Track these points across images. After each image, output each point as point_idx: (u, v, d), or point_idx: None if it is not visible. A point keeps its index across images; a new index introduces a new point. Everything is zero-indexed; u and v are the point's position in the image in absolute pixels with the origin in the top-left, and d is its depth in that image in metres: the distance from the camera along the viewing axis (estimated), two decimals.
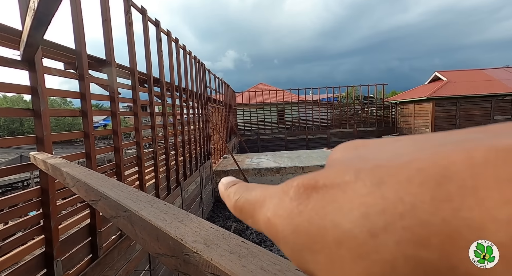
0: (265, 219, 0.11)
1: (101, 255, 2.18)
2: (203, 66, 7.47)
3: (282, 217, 0.10)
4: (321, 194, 0.09)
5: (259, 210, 0.12)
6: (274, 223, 0.10)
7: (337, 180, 0.09)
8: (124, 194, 0.65)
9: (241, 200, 0.14)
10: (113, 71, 2.79)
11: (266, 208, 0.11)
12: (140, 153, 3.32)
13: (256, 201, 0.12)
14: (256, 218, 0.12)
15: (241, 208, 0.13)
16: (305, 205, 0.09)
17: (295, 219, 0.09)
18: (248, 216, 0.13)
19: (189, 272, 0.38)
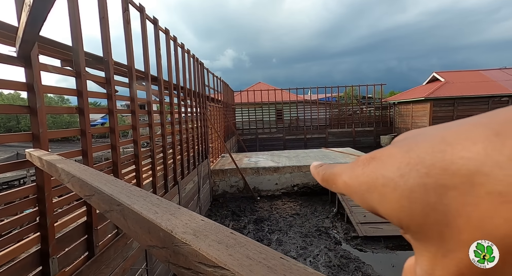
0: (343, 182, 0.17)
1: (97, 253, 2.18)
2: (201, 64, 7.46)
3: (353, 178, 0.16)
4: (376, 161, 0.15)
5: (339, 178, 0.18)
6: (348, 183, 0.16)
7: (386, 152, 0.15)
8: (117, 188, 0.66)
9: (327, 173, 0.19)
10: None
11: (343, 176, 0.17)
12: (137, 151, 3.32)
13: (336, 173, 0.18)
14: (337, 183, 0.18)
15: (327, 179, 0.19)
16: (367, 168, 0.15)
17: (361, 177, 0.15)
18: (332, 183, 0.19)
19: (178, 262, 0.39)
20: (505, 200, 0.10)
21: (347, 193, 0.17)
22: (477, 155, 0.10)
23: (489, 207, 0.10)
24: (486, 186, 0.10)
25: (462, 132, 0.12)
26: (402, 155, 0.13)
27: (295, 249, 4.83)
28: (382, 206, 0.14)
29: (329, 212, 6.47)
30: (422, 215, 0.12)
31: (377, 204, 0.14)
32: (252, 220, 6.15)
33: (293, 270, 0.29)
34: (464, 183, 0.11)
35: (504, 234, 0.10)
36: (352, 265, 4.28)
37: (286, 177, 7.91)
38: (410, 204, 0.12)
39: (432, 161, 0.12)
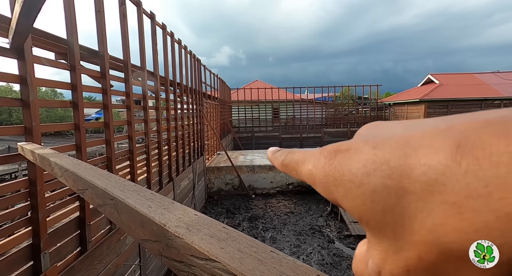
0: (307, 171, 0.17)
1: (90, 248, 2.16)
2: (198, 61, 7.41)
3: (319, 168, 0.16)
4: (343, 154, 0.15)
5: (302, 165, 0.18)
6: (313, 172, 0.16)
7: (353, 146, 0.15)
8: (111, 183, 0.66)
9: (287, 159, 0.20)
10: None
11: (307, 164, 0.17)
12: (132, 146, 3.29)
13: (299, 160, 0.18)
14: (299, 170, 0.18)
15: (287, 165, 0.20)
16: (333, 160, 0.15)
17: (326, 168, 0.15)
18: (292, 170, 0.19)
19: (171, 255, 0.40)
20: (457, 211, 0.10)
21: (310, 181, 0.17)
22: (438, 164, 0.11)
23: (442, 215, 0.11)
24: (442, 195, 0.11)
25: (426, 137, 0.12)
26: (369, 151, 0.14)
27: (289, 247, 4.87)
28: (345, 200, 0.14)
29: (323, 210, 6.52)
30: (381, 214, 0.13)
31: (341, 198, 0.14)
32: (246, 217, 6.17)
33: (283, 263, 0.29)
34: (423, 189, 0.11)
35: (451, 241, 0.10)
36: (344, 263, 4.33)
37: (281, 175, 7.94)
38: (371, 203, 0.13)
39: (396, 163, 0.12)
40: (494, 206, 0.09)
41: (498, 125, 0.10)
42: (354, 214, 0.14)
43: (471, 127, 0.11)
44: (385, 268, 0.13)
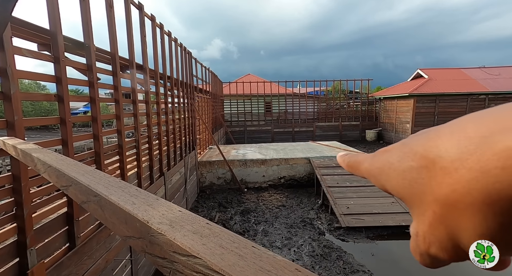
0: (364, 168, 0.23)
1: (79, 244, 2.14)
2: (189, 54, 7.27)
3: (372, 164, 0.22)
4: (387, 152, 0.20)
5: (361, 165, 0.23)
6: (368, 168, 0.22)
7: (393, 146, 0.20)
8: (95, 179, 0.64)
9: (351, 161, 0.25)
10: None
11: (365, 163, 0.22)
12: (121, 141, 3.24)
13: (360, 161, 0.24)
14: (360, 168, 0.23)
15: (352, 165, 0.25)
16: (381, 156, 0.21)
17: (376, 163, 0.21)
18: (356, 169, 0.24)
19: (154, 252, 0.39)
20: (447, 172, 0.15)
21: (367, 176, 0.22)
22: (442, 147, 0.16)
23: (440, 177, 0.15)
24: (440, 163, 0.16)
25: (440, 134, 0.17)
26: (401, 147, 0.19)
27: (280, 240, 4.95)
28: (388, 183, 0.19)
29: (314, 203, 6.63)
30: (409, 187, 0.17)
31: (385, 182, 0.20)
32: (238, 211, 6.21)
33: (263, 258, 0.30)
34: (431, 163, 0.16)
35: (445, 194, 0.15)
36: (334, 254, 4.44)
37: (273, 169, 8.00)
38: (403, 180, 0.18)
39: (417, 150, 0.17)
40: (475, 166, 0.14)
41: (476, 116, 0.16)
42: (394, 192, 0.19)
43: (457, 121, 0.17)
44: (419, 228, 0.18)
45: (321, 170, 7.32)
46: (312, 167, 7.73)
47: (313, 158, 7.99)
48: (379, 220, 5.28)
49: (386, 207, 5.68)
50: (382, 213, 5.45)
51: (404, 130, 13.93)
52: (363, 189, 6.41)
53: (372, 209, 5.60)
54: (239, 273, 0.28)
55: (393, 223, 5.16)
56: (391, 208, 5.63)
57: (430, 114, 13.38)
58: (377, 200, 5.94)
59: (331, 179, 6.86)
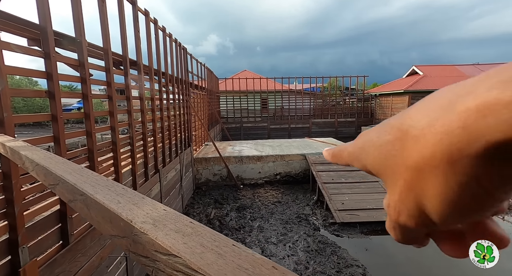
0: (348, 153, 0.23)
1: (72, 241, 2.13)
2: (184, 50, 7.20)
3: (355, 145, 0.22)
4: (368, 132, 0.21)
5: (344, 151, 0.24)
6: (351, 151, 0.22)
7: (374, 127, 0.21)
8: (83, 178, 0.64)
9: (335, 150, 0.25)
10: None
11: (349, 147, 0.23)
12: (115, 138, 3.21)
13: (342, 148, 0.24)
14: (343, 156, 0.24)
15: (336, 154, 0.25)
16: (363, 137, 0.22)
17: (358, 143, 0.22)
18: (338, 157, 0.24)
19: (137, 251, 0.40)
20: (416, 139, 0.16)
21: (350, 160, 0.23)
22: (415, 118, 0.17)
23: (411, 145, 0.16)
24: (411, 133, 0.17)
25: (415, 107, 0.18)
26: (381, 125, 0.20)
27: (276, 236, 5.00)
28: (367, 160, 0.20)
29: (309, 199, 6.69)
30: (385, 160, 0.18)
31: (365, 160, 0.20)
32: (234, 207, 6.24)
33: (242, 256, 0.30)
34: (404, 134, 0.17)
35: (414, 161, 0.16)
36: (328, 250, 4.50)
37: (269, 165, 8.02)
38: (379, 154, 0.19)
39: (394, 124, 0.18)
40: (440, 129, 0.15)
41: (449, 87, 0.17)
42: (373, 169, 0.20)
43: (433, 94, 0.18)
44: (390, 199, 0.19)
45: (316, 166, 7.37)
46: (307, 163, 7.77)
47: (309, 154, 8.03)
48: (373, 215, 5.35)
49: (380, 202, 5.75)
50: (376, 209, 5.53)
51: None
52: (357, 185, 6.48)
53: (366, 205, 5.67)
54: (216, 271, 0.28)
55: None
56: None
57: None
58: (371, 196, 6.02)
59: (327, 175, 6.91)
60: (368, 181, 6.59)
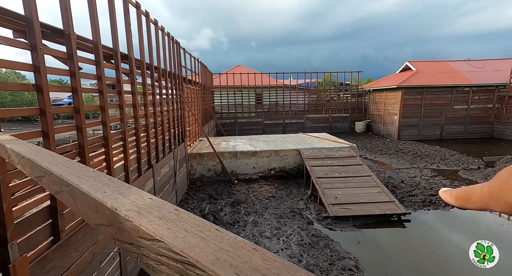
0: (481, 194, 0.24)
1: (63, 237, 2.11)
2: (177, 44, 7.09)
3: (492, 186, 0.23)
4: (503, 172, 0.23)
5: (475, 193, 0.24)
6: (487, 192, 0.23)
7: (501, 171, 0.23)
8: (69, 169, 0.63)
9: (460, 193, 0.26)
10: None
11: (483, 189, 0.24)
12: (106, 133, 3.17)
13: (471, 191, 0.25)
14: (472, 198, 0.24)
15: (461, 197, 0.26)
16: (496, 178, 0.23)
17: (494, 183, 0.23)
18: (466, 200, 0.25)
19: (122, 238, 0.40)
20: None
21: (485, 202, 0.23)
22: None
23: None
24: None
25: None
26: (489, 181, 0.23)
27: (270, 230, 5.04)
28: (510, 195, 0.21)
29: (303, 194, 6.75)
30: None
31: (508, 195, 0.21)
32: (229, 202, 6.26)
33: (224, 239, 0.31)
34: None
35: None
36: (322, 243, 4.57)
37: (264, 161, 8.05)
38: None
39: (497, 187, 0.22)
40: None
41: None
42: None
43: None
44: None
45: (310, 161, 7.42)
46: (301, 158, 7.82)
47: (303, 149, 8.08)
48: (366, 209, 5.44)
49: (373, 196, 5.85)
50: (369, 202, 5.62)
51: (392, 122, 14.22)
52: (351, 180, 6.56)
53: (359, 199, 5.76)
54: (198, 253, 0.28)
55: (379, 212, 5.33)
56: (378, 197, 5.81)
57: (417, 106, 13.69)
58: (364, 190, 6.11)
59: (320, 170, 6.98)
60: (361, 176, 6.69)
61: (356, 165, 7.24)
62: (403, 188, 6.93)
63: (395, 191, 6.72)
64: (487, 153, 10.53)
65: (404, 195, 6.53)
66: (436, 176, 7.94)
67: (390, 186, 7.03)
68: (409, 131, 13.76)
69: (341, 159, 7.60)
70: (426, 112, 13.70)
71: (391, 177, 7.88)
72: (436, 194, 6.52)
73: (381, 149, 11.73)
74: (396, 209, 5.39)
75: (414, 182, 7.37)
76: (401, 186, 7.10)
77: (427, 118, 13.75)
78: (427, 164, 9.31)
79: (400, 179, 7.61)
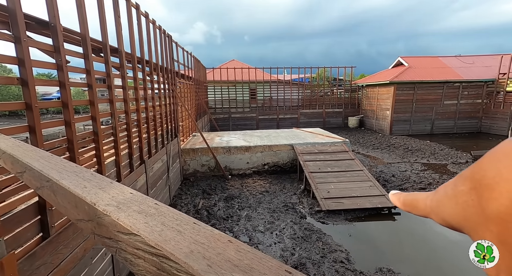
0: (424, 205, 0.23)
1: (53, 233, 2.09)
2: (169, 37, 6.96)
3: (433, 199, 0.22)
4: (444, 185, 0.22)
5: (421, 202, 0.24)
6: (429, 204, 0.22)
7: (449, 181, 0.21)
8: (50, 164, 0.62)
9: (408, 200, 0.26)
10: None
11: (427, 200, 0.23)
12: (96, 128, 3.11)
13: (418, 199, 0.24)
14: (418, 207, 0.24)
15: (408, 204, 0.25)
16: (439, 190, 0.22)
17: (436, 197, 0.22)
18: (413, 207, 0.25)
19: (101, 233, 0.39)
20: (490, 187, 0.16)
21: (427, 213, 0.23)
22: (485, 167, 0.17)
23: (486, 194, 0.16)
24: (484, 181, 0.17)
25: (484, 158, 0.18)
26: (455, 177, 0.20)
27: (263, 224, 5.09)
28: (445, 212, 0.20)
29: (296, 189, 6.82)
30: (463, 211, 0.18)
31: (443, 213, 0.20)
32: (222, 197, 6.28)
33: (201, 232, 0.31)
34: (477, 183, 0.17)
35: (494, 210, 0.16)
36: (314, 236, 4.65)
37: (257, 156, 8.07)
38: (456, 205, 0.19)
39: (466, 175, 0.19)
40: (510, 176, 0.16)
41: None
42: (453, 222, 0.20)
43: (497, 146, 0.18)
44: None
45: (304, 156, 7.48)
46: (295, 153, 7.87)
47: (297, 144, 8.13)
48: (357, 202, 5.54)
49: (364, 190, 5.95)
50: (361, 196, 5.72)
51: (385, 117, 14.39)
52: (343, 174, 6.65)
53: (351, 193, 5.86)
54: (173, 246, 0.28)
55: (370, 205, 5.43)
56: (369, 191, 5.91)
57: (409, 102, 13.87)
58: (356, 184, 6.21)
59: (313, 165, 7.04)
60: (354, 170, 6.78)
61: (348, 160, 7.33)
62: (394, 182, 7.06)
63: (386, 184, 6.85)
64: (475, 147, 10.80)
65: (395, 188, 6.66)
66: (426, 170, 8.11)
67: (382, 180, 7.15)
68: (401, 126, 13.96)
69: (334, 154, 7.67)
70: (417, 107, 13.90)
71: (382, 171, 8.01)
72: (426, 187, 6.68)
73: (373, 144, 11.90)
74: (386, 203, 5.50)
75: (404, 176, 7.52)
76: (392, 180, 7.24)
77: (419, 114, 13.97)
78: (417, 158, 9.49)
79: (391, 173, 7.76)
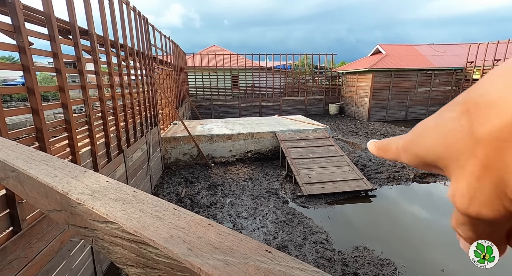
0: (397, 145, 0.22)
1: (25, 227, 1.99)
2: (145, 20, 6.56)
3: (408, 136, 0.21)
4: (423, 121, 0.20)
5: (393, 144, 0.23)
6: (402, 143, 0.21)
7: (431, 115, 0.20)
8: (15, 153, 0.58)
9: (382, 144, 0.25)
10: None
11: (400, 140, 0.22)
12: (68, 116, 2.93)
13: (391, 142, 0.23)
14: (390, 149, 0.23)
15: (382, 148, 0.25)
16: (418, 125, 0.20)
17: (413, 132, 0.20)
18: (386, 150, 0.24)
19: (76, 222, 0.38)
20: (492, 103, 0.14)
21: (398, 153, 0.22)
22: (484, 87, 0.15)
23: (484, 112, 0.14)
24: (484, 98, 0.15)
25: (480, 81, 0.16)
26: (440, 109, 0.19)
27: (247, 210, 5.19)
28: (421, 145, 0.19)
29: (279, 175, 6.96)
30: (445, 140, 0.17)
31: (418, 146, 0.19)
32: (205, 186, 6.27)
33: (181, 217, 0.30)
34: (472, 104, 0.15)
35: (491, 129, 0.14)
36: (296, 220, 4.82)
37: (240, 143, 8.07)
38: (438, 134, 0.18)
39: (458, 100, 0.17)
40: None
41: None
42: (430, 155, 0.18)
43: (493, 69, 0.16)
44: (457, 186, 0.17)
45: (286, 143, 7.59)
46: (277, 140, 7.96)
47: (279, 131, 8.21)
48: (337, 186, 5.78)
49: (343, 175, 6.21)
50: (340, 181, 5.97)
51: (363, 104, 14.85)
52: (324, 160, 6.86)
53: (331, 178, 6.09)
54: (152, 232, 0.27)
55: (348, 189, 5.70)
56: (348, 175, 6.17)
57: (386, 89, 14.36)
58: (335, 169, 6.45)
59: (295, 151, 7.19)
60: (333, 156, 7.01)
61: (329, 146, 7.55)
62: (371, 166, 7.42)
63: (363, 169, 7.18)
64: None
65: (371, 172, 7.01)
66: None
67: (360, 164, 7.48)
68: (378, 113, 14.50)
69: (315, 140, 7.86)
70: (393, 94, 14.45)
71: (360, 156, 8.37)
72: (399, 170, 7.09)
73: (352, 130, 12.30)
74: (364, 186, 5.79)
75: (380, 160, 7.91)
76: (369, 164, 7.59)
77: (395, 101, 14.54)
78: None
79: (369, 158, 8.12)
